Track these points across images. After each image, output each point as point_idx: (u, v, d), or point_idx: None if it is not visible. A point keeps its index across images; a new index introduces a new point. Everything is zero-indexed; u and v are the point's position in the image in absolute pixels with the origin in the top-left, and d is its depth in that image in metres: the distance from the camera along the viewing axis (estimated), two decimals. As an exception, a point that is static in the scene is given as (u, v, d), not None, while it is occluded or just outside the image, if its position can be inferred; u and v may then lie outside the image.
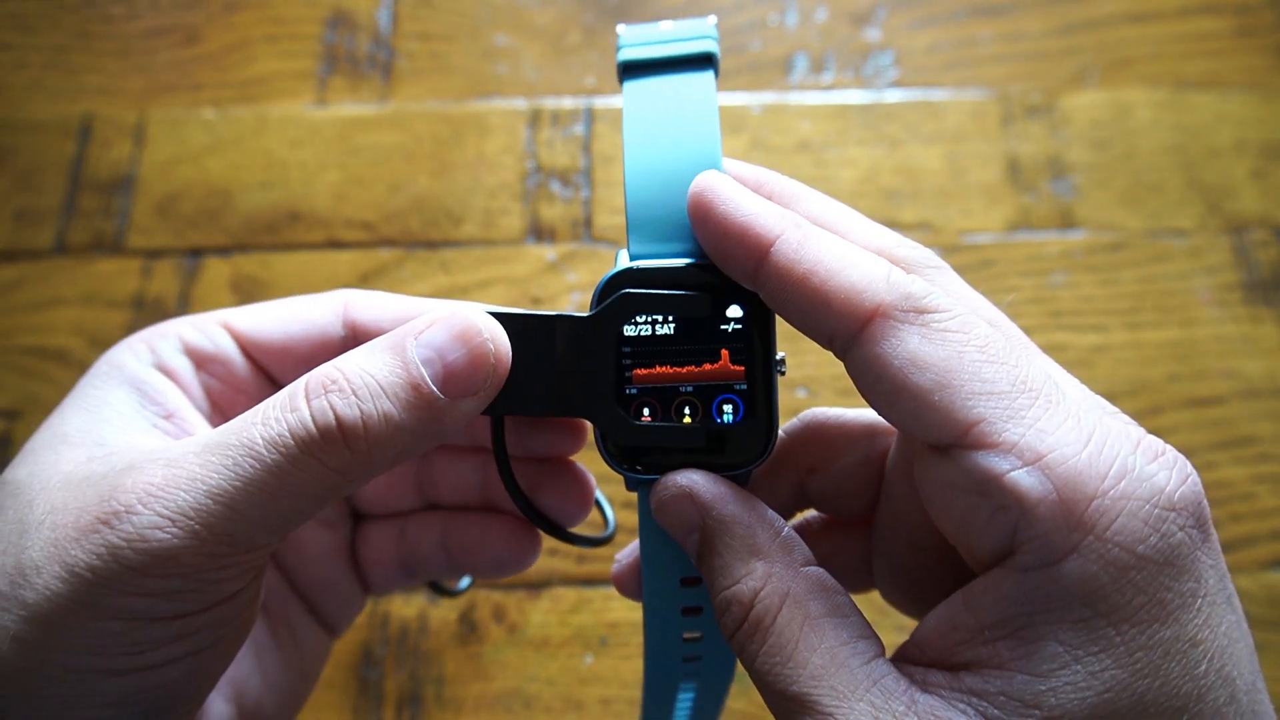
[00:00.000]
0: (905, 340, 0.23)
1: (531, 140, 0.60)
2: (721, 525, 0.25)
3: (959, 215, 0.57)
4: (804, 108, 0.61)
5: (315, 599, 0.35)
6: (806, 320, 0.25)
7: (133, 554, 0.23)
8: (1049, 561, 0.21)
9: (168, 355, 0.31)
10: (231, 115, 0.60)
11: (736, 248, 0.25)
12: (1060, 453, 0.22)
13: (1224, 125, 0.60)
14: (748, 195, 0.25)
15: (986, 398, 0.22)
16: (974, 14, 0.64)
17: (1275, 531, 0.49)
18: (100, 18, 0.64)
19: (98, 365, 0.30)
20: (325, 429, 0.24)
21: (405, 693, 0.46)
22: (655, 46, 0.29)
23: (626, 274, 0.27)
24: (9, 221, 0.57)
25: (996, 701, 0.22)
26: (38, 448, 0.27)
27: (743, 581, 0.25)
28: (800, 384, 0.53)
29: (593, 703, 0.46)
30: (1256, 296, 0.55)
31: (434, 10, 0.64)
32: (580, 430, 0.32)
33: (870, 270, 0.24)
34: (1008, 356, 0.23)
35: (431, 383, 0.25)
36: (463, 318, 0.26)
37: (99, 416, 0.28)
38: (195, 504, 0.23)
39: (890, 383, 0.23)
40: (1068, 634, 0.21)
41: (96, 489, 0.24)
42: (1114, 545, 0.21)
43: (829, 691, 0.22)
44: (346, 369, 0.25)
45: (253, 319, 0.32)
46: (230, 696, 0.32)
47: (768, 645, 0.24)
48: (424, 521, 0.35)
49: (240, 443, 0.24)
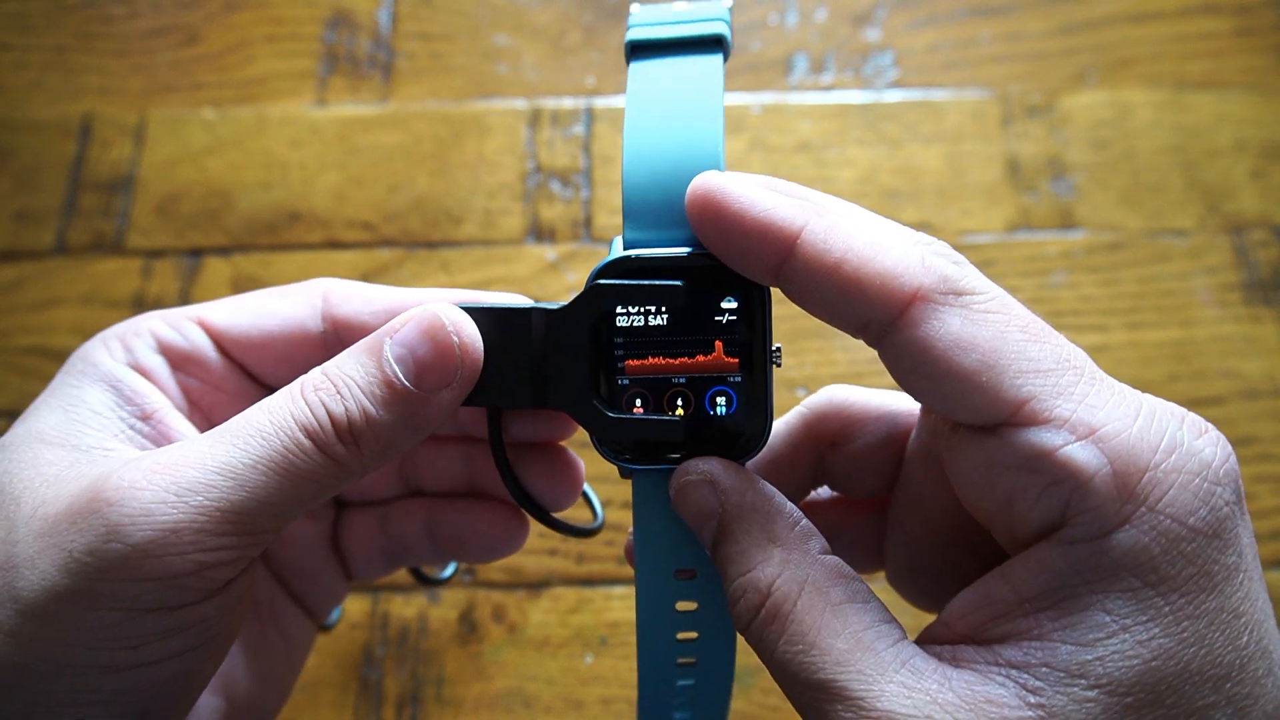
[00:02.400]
0: (948, 322, 0.23)
1: (531, 140, 0.60)
2: (740, 512, 0.25)
3: (959, 215, 0.57)
4: (804, 108, 0.61)
5: (299, 588, 0.35)
6: (838, 310, 0.24)
7: (137, 532, 0.23)
8: (1101, 533, 0.21)
9: (142, 353, 0.30)
10: (231, 115, 0.60)
11: (758, 245, 0.24)
12: (1112, 427, 0.22)
13: (1224, 125, 0.60)
14: (760, 189, 0.24)
15: (1035, 375, 0.22)
16: (974, 14, 0.64)
17: (1275, 531, 0.49)
18: (100, 18, 0.64)
19: (71, 362, 0.29)
20: (322, 421, 0.25)
21: (405, 693, 0.46)
22: (665, 27, 0.28)
23: (620, 263, 0.26)
24: (9, 221, 0.57)
25: (1038, 673, 0.21)
26: (12, 444, 0.27)
27: (759, 568, 0.24)
28: (800, 384, 0.53)
29: (593, 703, 0.46)
30: (1256, 296, 0.55)
31: (434, 10, 0.64)
32: None
33: (905, 254, 0.23)
34: (1050, 336, 0.23)
35: (404, 379, 0.25)
36: (429, 313, 0.26)
37: (75, 416, 0.28)
38: (203, 479, 0.23)
39: (935, 366, 0.23)
40: (1115, 603, 0.21)
41: (89, 481, 0.24)
42: (1166, 517, 0.21)
43: (857, 676, 0.22)
44: (331, 372, 0.26)
45: (227, 314, 0.32)
46: (219, 689, 0.31)
47: (788, 633, 0.23)
48: (407, 508, 0.35)
49: (248, 424, 0.25)
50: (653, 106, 0.26)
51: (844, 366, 0.53)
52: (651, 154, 0.26)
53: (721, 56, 0.27)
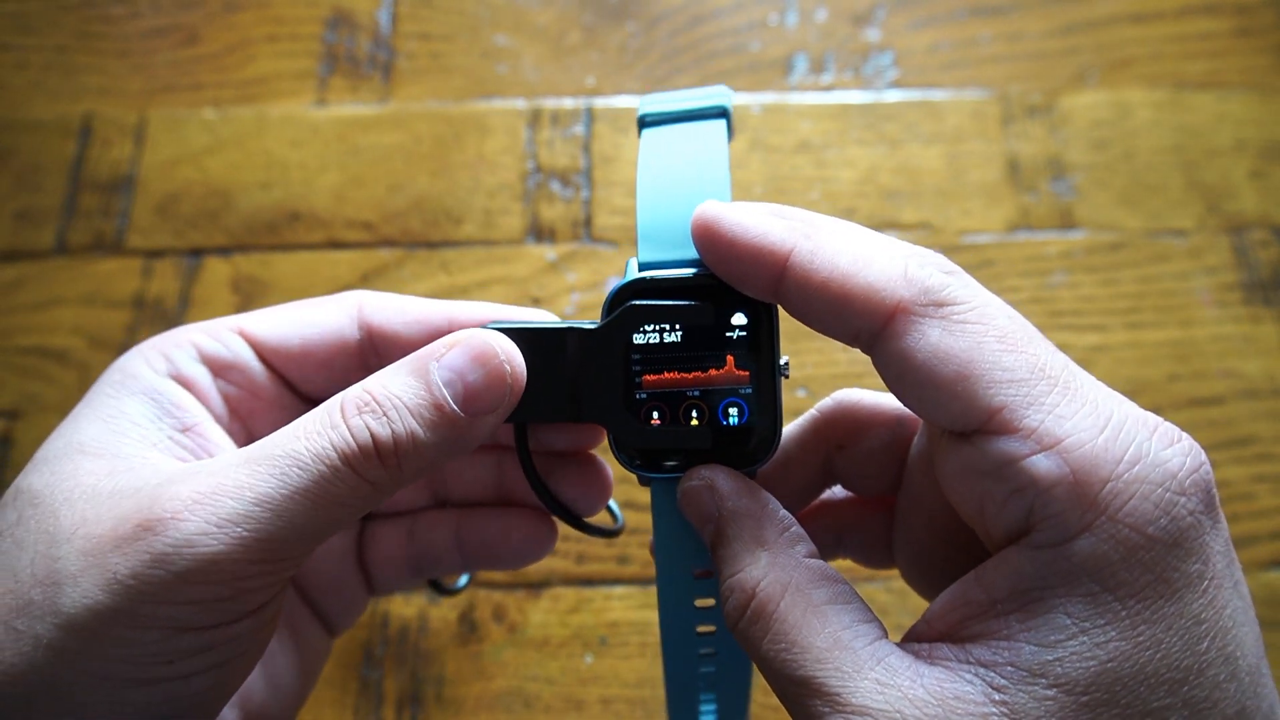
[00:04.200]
0: (927, 334, 0.24)
1: (531, 140, 0.60)
2: (733, 516, 0.27)
3: (959, 215, 0.57)
4: (804, 108, 0.61)
5: (321, 601, 0.35)
6: (829, 323, 0.26)
7: (180, 560, 0.24)
8: (1062, 539, 0.22)
9: (184, 364, 0.31)
10: (231, 115, 0.60)
11: (752, 268, 0.26)
12: (1077, 438, 0.23)
13: (1224, 125, 0.60)
14: (751, 214, 0.26)
15: (1007, 385, 0.23)
16: (974, 14, 0.64)
17: (1275, 531, 0.49)
18: (100, 18, 0.64)
19: (110, 373, 0.30)
20: (364, 446, 0.25)
21: (405, 693, 0.46)
22: (672, 103, 0.30)
23: (637, 284, 0.28)
24: (9, 221, 0.57)
25: (1003, 671, 0.22)
26: (52, 456, 0.27)
27: (746, 570, 0.26)
28: (800, 384, 0.53)
29: (593, 703, 0.46)
30: (1256, 296, 0.55)
31: (434, 10, 0.64)
32: (599, 427, 0.32)
33: (887, 268, 0.25)
34: (1027, 345, 0.24)
35: (453, 403, 0.26)
36: (481, 340, 0.27)
37: (115, 427, 0.28)
38: (243, 511, 0.24)
39: (915, 375, 0.24)
40: (1076, 607, 0.22)
41: (132, 501, 0.25)
42: (1124, 526, 0.22)
43: (834, 673, 0.23)
44: (376, 391, 0.26)
45: (267, 324, 0.32)
46: (236, 701, 0.32)
47: (772, 632, 0.24)
48: (435, 519, 0.35)
49: (285, 454, 0.25)
50: (666, 154, 0.29)
51: (844, 366, 0.53)
52: (666, 188, 0.28)
53: (725, 122, 0.30)
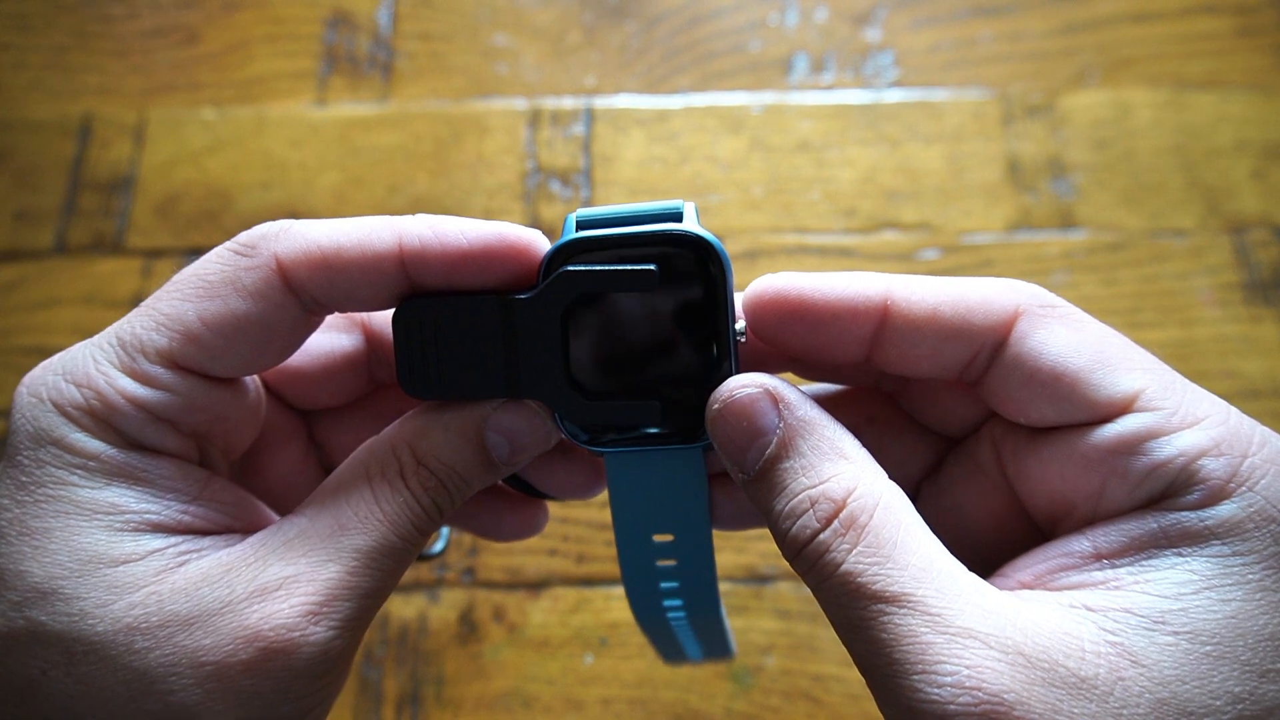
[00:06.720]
0: (1055, 331, 0.25)
1: (531, 140, 0.60)
2: (806, 425, 0.25)
3: (959, 215, 0.57)
4: (804, 108, 0.61)
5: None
6: (944, 354, 0.25)
7: (317, 668, 0.25)
8: (1204, 504, 0.23)
9: (134, 429, 0.26)
10: (231, 115, 0.60)
11: (848, 322, 0.25)
12: (1215, 418, 0.24)
13: (1224, 125, 0.60)
14: (823, 275, 0.25)
15: (1142, 372, 0.25)
16: (974, 14, 0.64)
17: (1275, 532, 0.49)
18: (100, 18, 0.64)
19: (38, 450, 0.25)
20: (434, 518, 0.27)
21: (405, 693, 0.46)
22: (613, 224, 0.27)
23: (573, 245, 0.26)
24: (9, 221, 0.57)
25: (1115, 616, 0.22)
26: (68, 589, 0.24)
27: (833, 480, 0.24)
28: (800, 384, 0.53)
29: (593, 703, 0.46)
30: (1256, 296, 0.55)
31: (434, 10, 0.64)
32: (599, 472, 0.32)
33: (989, 284, 0.25)
34: (1132, 344, 0.26)
35: (503, 459, 0.27)
36: (529, 410, 0.27)
37: (109, 524, 0.25)
38: (359, 610, 0.25)
39: (1050, 370, 0.24)
40: (1200, 564, 0.23)
41: (231, 620, 0.24)
42: (1262, 498, 0.23)
43: (935, 593, 0.22)
44: (432, 465, 0.27)
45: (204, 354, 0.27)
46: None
47: (863, 544, 0.23)
48: None
49: (379, 546, 0.26)
50: None
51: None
52: None
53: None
